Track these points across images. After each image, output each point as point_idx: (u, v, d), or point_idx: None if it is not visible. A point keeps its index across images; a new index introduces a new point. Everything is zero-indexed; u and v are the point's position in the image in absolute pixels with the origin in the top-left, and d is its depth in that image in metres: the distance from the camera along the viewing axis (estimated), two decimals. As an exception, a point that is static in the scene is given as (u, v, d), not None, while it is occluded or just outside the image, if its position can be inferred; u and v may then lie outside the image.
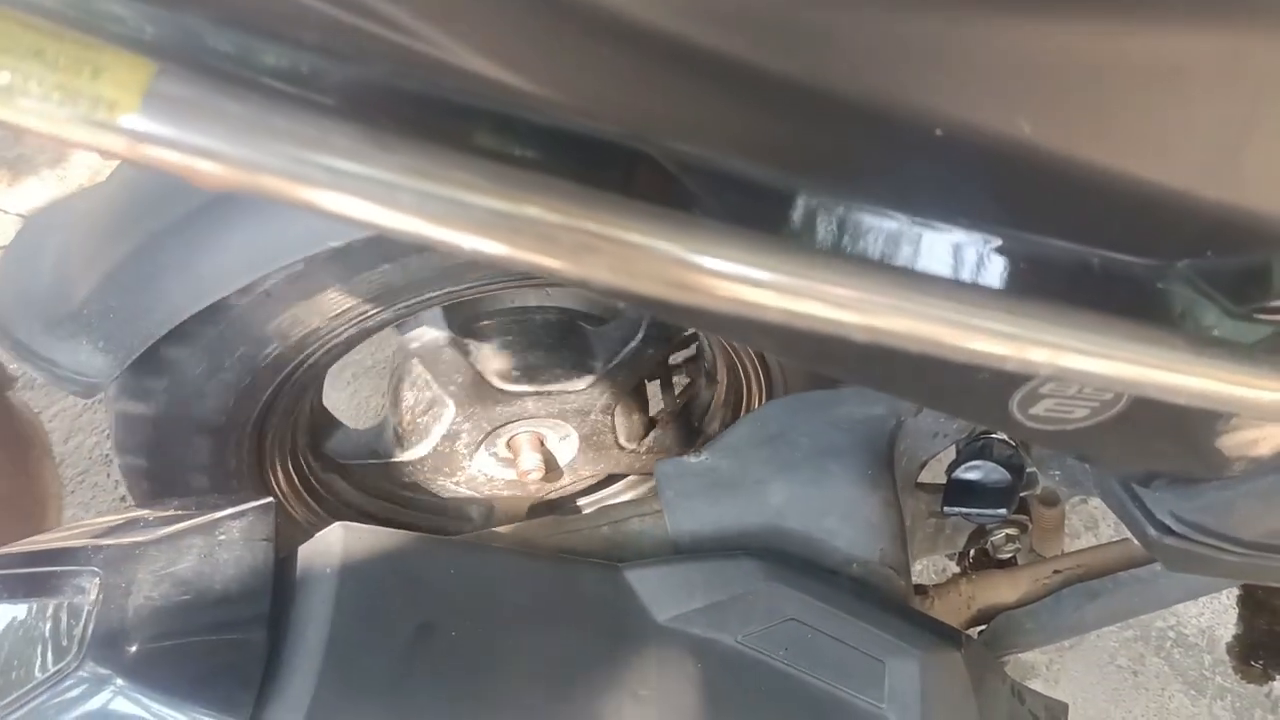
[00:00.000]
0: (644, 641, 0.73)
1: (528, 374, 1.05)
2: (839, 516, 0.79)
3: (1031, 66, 0.35)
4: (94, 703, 0.61)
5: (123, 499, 1.62)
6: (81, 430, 1.73)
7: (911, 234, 0.43)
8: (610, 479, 1.25)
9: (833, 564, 0.79)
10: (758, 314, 0.37)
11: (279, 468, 1.04)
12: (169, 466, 0.94)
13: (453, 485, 1.14)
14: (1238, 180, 0.41)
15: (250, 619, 0.64)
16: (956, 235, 0.44)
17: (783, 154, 0.40)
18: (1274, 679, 1.53)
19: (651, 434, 1.17)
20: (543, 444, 1.13)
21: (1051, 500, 1.09)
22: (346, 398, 1.78)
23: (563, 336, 1.08)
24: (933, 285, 0.39)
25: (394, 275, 0.83)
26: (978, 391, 0.49)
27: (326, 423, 1.14)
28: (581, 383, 1.07)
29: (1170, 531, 0.62)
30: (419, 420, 1.07)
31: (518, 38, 0.36)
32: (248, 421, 0.92)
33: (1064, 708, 0.96)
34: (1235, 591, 1.61)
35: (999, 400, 0.49)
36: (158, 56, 0.30)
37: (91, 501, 1.65)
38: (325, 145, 0.31)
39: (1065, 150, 0.39)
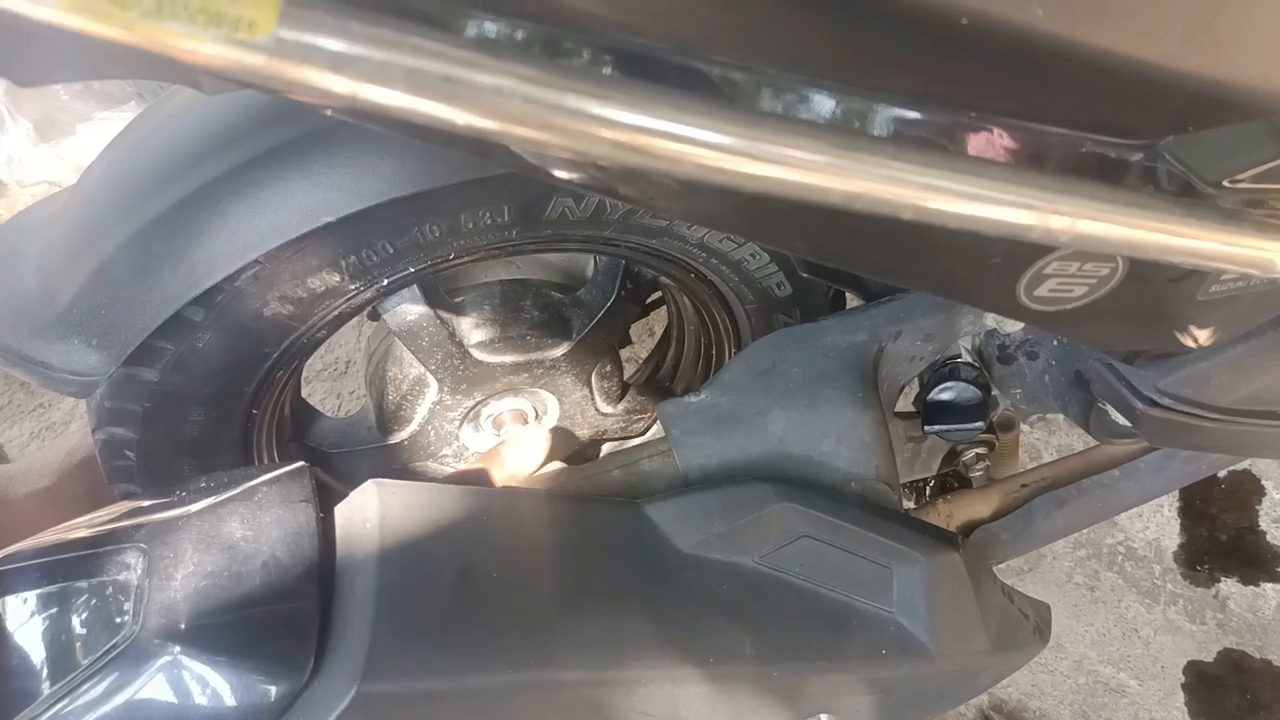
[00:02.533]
0: (671, 569, 0.76)
1: (506, 344, 1.07)
2: (835, 438, 0.83)
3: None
4: (154, 674, 0.62)
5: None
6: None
7: (927, 123, 0.47)
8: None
9: (833, 483, 0.83)
10: (804, 194, 0.41)
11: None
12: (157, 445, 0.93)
13: (439, 466, 1.16)
14: (1215, 52, 0.46)
15: (300, 578, 0.65)
16: (967, 123, 0.48)
17: (813, 57, 0.44)
18: (1220, 581, 1.63)
19: (627, 397, 1.20)
20: (525, 419, 1.15)
21: (1009, 425, 1.16)
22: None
23: (538, 305, 1.10)
24: (962, 161, 0.43)
25: (384, 250, 0.84)
26: (989, 276, 0.53)
27: (307, 414, 1.15)
28: (560, 349, 1.10)
29: (1154, 404, 0.67)
30: (403, 402, 1.09)
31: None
32: (238, 404, 0.93)
33: (1047, 608, 1.03)
34: (1176, 504, 1.71)
35: (1009, 283, 0.54)
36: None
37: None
38: (445, 55, 0.34)
39: (1068, 34, 0.43)
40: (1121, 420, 0.75)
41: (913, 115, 0.46)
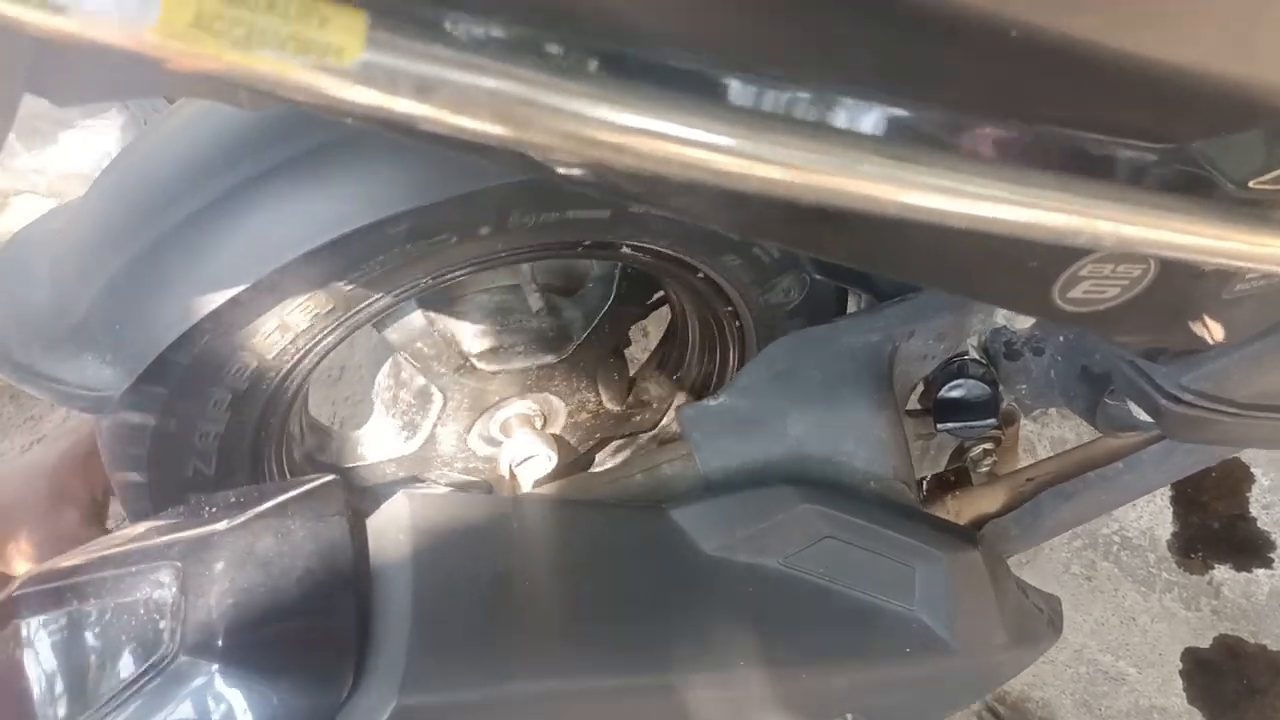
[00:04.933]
0: (697, 572, 0.77)
1: (508, 352, 1.07)
2: (854, 439, 0.84)
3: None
4: (194, 693, 0.62)
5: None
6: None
7: (968, 132, 0.48)
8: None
9: (853, 483, 0.84)
10: (860, 205, 0.42)
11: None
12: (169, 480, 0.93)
13: (450, 474, 1.15)
14: (1249, 56, 0.47)
15: (336, 592, 0.65)
16: (1004, 132, 0.49)
17: (854, 67, 0.45)
18: (1213, 568, 1.66)
19: (633, 393, 1.21)
20: (532, 424, 1.15)
21: (1010, 419, 1.17)
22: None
23: (538, 310, 1.10)
24: (1007, 169, 0.44)
25: (391, 263, 0.84)
26: (1026, 279, 0.54)
27: (318, 432, 1.14)
28: (563, 352, 1.10)
29: (1177, 400, 0.69)
30: (408, 413, 1.09)
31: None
32: (246, 427, 0.92)
33: (1058, 600, 1.04)
34: (1169, 493, 1.73)
35: (1044, 286, 0.54)
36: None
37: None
38: (534, 81, 0.34)
39: (1105, 40, 0.44)
40: (1138, 415, 0.77)
41: (955, 123, 0.46)
